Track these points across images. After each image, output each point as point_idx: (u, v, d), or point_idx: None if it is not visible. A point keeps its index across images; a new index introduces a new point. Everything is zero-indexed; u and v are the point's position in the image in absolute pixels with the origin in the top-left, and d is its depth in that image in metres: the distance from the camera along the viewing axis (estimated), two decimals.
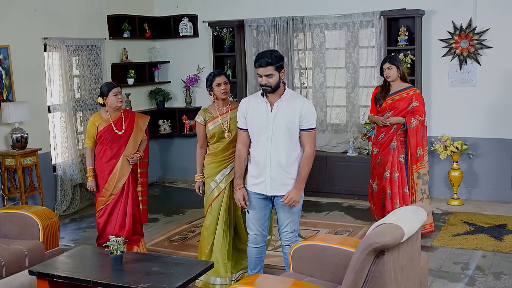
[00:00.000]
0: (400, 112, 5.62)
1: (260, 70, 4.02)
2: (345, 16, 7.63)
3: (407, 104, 5.61)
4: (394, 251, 2.98)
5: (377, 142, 5.78)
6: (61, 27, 7.29)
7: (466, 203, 7.15)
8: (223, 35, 8.23)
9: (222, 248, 4.67)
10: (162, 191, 8.52)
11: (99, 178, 5.29)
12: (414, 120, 5.56)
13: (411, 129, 5.56)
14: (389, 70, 5.59)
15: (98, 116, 5.28)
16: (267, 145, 4.12)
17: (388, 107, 5.66)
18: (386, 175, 5.68)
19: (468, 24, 7.05)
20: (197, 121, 4.73)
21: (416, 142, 5.61)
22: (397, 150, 5.65)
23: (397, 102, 5.63)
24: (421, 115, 5.62)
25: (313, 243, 3.77)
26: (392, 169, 5.66)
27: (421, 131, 5.63)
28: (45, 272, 3.96)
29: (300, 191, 4.15)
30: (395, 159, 5.65)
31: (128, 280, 3.78)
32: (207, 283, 4.68)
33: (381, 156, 5.72)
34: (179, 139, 8.99)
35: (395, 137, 5.65)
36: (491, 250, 5.47)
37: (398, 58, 5.66)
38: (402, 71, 5.63)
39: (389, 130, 5.66)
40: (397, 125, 5.63)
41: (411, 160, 5.64)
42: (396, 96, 5.65)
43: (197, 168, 4.78)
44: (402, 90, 5.65)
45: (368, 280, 2.95)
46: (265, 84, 4.03)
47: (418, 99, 5.65)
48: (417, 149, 5.62)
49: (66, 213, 7.26)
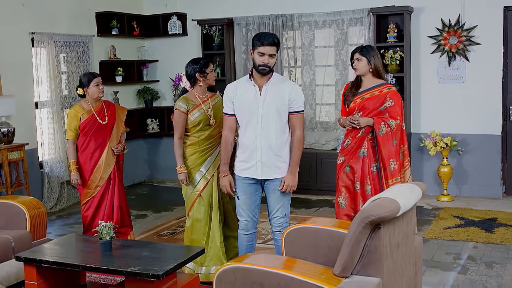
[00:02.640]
0: (370, 113, 4.62)
1: (266, 49, 3.96)
2: (334, 14, 7.64)
3: (380, 103, 4.61)
4: (390, 226, 2.95)
5: (343, 149, 4.74)
6: (49, 22, 7.22)
7: (456, 199, 7.15)
8: (212, 33, 8.21)
9: (220, 236, 4.61)
10: (150, 190, 8.44)
11: (83, 171, 5.22)
12: (384, 126, 4.52)
13: (380, 136, 4.52)
14: (358, 61, 4.66)
15: (80, 107, 5.21)
16: (257, 128, 4.08)
17: (357, 107, 4.66)
18: (356, 187, 4.65)
19: (457, 20, 7.09)
20: (179, 109, 4.53)
21: (388, 153, 4.53)
22: (368, 158, 4.61)
23: (367, 101, 4.63)
24: (396, 117, 4.56)
25: (305, 226, 3.71)
26: (363, 180, 4.62)
27: (393, 139, 4.55)
28: (32, 258, 3.88)
29: (295, 176, 4.12)
30: (366, 168, 4.61)
31: (118, 264, 3.72)
32: (208, 274, 4.58)
33: (348, 165, 4.67)
34: (167, 139, 8.90)
35: (365, 142, 4.61)
36: (482, 241, 5.46)
37: (372, 50, 4.67)
38: (374, 65, 4.63)
39: (356, 134, 4.63)
40: (366, 128, 4.60)
41: (384, 174, 4.59)
42: (367, 94, 4.65)
43: (179, 160, 4.57)
44: (374, 87, 4.66)
45: (364, 254, 2.91)
46: (266, 64, 4.00)
47: (393, 97, 4.60)
48: (390, 162, 4.55)
49: (52, 210, 7.15)
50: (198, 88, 4.65)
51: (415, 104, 7.44)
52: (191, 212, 4.66)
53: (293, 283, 2.89)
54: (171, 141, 8.98)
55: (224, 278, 3.08)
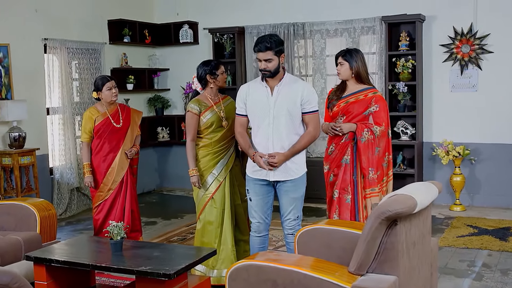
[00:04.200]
0: (354, 117, 4.40)
1: (259, 55, 3.98)
2: (346, 22, 7.64)
3: (364, 108, 4.39)
4: (406, 223, 2.89)
5: (327, 156, 4.53)
6: (62, 29, 7.26)
7: (468, 209, 7.06)
8: (224, 42, 8.21)
9: (232, 239, 4.56)
10: (160, 198, 8.41)
11: (96, 174, 5.21)
12: (367, 133, 4.32)
13: (362, 144, 4.32)
14: (341, 66, 4.42)
15: (95, 110, 5.22)
16: (268, 130, 4.05)
17: (340, 112, 4.45)
18: (334, 196, 4.45)
19: (469, 29, 7.06)
20: (191, 111, 4.51)
21: (368, 161, 4.33)
22: (351, 166, 4.39)
23: (351, 106, 4.40)
24: (381, 123, 4.35)
25: (319, 226, 3.67)
26: (343, 188, 4.39)
27: (376, 147, 4.34)
28: (42, 257, 3.85)
29: (286, 159, 4.01)
30: (348, 177, 4.39)
31: (129, 263, 3.67)
32: (220, 277, 4.52)
33: (332, 173, 4.48)
34: (177, 147, 8.89)
35: (349, 150, 4.39)
36: (496, 249, 5.37)
37: (356, 54, 4.42)
38: (356, 70, 4.38)
39: (339, 141, 4.42)
40: (350, 134, 4.38)
41: (362, 182, 4.38)
42: (351, 98, 4.43)
43: (191, 162, 4.52)
44: (359, 91, 4.43)
45: (380, 251, 2.85)
46: (264, 69, 3.99)
47: (378, 102, 4.39)
48: (369, 171, 4.34)
49: (62, 216, 7.13)
50: (209, 90, 4.63)
51: (427, 112, 7.39)
52: (202, 215, 4.61)
53: (306, 280, 2.84)
54: (181, 150, 9.15)
55: (237, 276, 3.03)
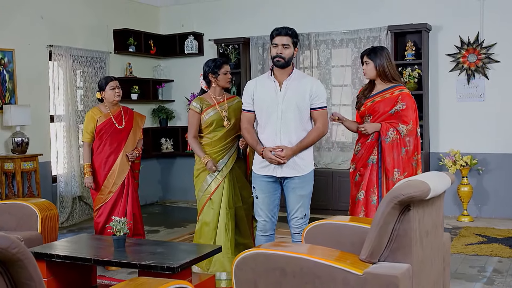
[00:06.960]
0: (380, 116, 4.29)
1: (277, 39, 3.94)
2: (351, 32, 7.62)
3: (390, 106, 4.26)
4: (419, 210, 2.80)
5: (354, 156, 4.45)
6: (67, 36, 7.25)
7: (476, 220, 6.94)
8: (229, 52, 8.20)
9: (225, 241, 4.45)
10: (163, 209, 8.31)
11: (97, 175, 5.13)
12: (392, 133, 4.20)
13: (386, 144, 4.19)
14: (366, 65, 4.34)
15: (97, 110, 5.17)
16: (276, 125, 3.97)
17: (367, 111, 4.36)
18: (359, 196, 4.31)
19: (476, 38, 7.03)
20: (192, 109, 4.51)
21: (393, 161, 4.19)
22: (377, 166, 4.28)
23: (377, 104, 4.30)
24: (408, 121, 4.22)
25: (327, 222, 3.57)
26: (369, 189, 4.27)
27: (402, 147, 4.21)
28: (43, 252, 3.76)
29: (294, 154, 3.94)
30: (374, 177, 4.27)
31: (132, 258, 3.58)
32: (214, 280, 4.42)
33: (358, 173, 4.36)
34: (181, 159, 8.82)
35: (375, 149, 4.28)
36: (507, 256, 5.25)
37: (381, 52, 4.31)
38: (382, 68, 4.27)
39: (365, 140, 4.32)
40: (375, 134, 4.27)
41: (386, 183, 4.24)
42: (378, 97, 4.32)
43: (199, 152, 4.46)
44: (386, 89, 4.32)
45: (393, 239, 2.75)
46: (279, 55, 3.92)
47: (404, 100, 4.25)
48: (394, 172, 4.20)
49: (64, 225, 7.02)
50: (213, 89, 4.60)
51: (433, 122, 7.32)
52: (201, 216, 4.56)
53: (317, 268, 2.74)
54: (185, 162, 9.08)
55: (245, 265, 2.92)
